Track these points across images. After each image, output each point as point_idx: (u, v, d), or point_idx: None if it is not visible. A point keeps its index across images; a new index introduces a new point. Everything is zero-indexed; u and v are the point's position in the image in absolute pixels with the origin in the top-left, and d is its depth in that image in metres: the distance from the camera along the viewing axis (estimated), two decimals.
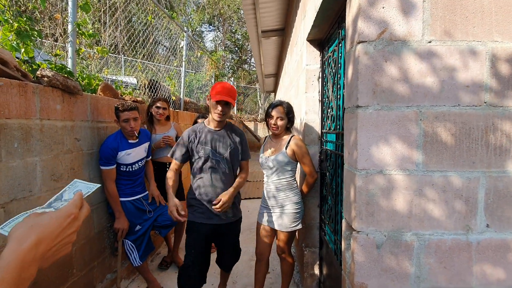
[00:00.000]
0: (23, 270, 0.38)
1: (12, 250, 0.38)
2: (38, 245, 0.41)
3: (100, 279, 2.24)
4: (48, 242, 0.42)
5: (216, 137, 1.85)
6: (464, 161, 1.03)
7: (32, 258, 0.40)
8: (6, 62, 1.53)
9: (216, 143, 1.84)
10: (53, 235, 0.43)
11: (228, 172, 1.86)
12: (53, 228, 0.44)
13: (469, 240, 1.06)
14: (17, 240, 0.39)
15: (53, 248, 0.44)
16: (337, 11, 1.63)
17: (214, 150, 1.83)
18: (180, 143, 1.87)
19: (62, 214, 0.46)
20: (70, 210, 0.48)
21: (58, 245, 0.45)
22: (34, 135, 1.60)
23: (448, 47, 1.01)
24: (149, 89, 3.87)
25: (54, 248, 0.44)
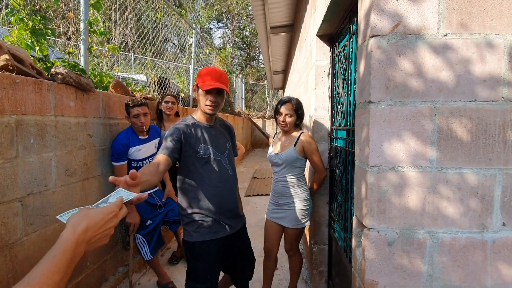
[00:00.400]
0: (76, 247, 0.52)
1: (69, 232, 0.52)
2: (86, 231, 0.55)
3: (113, 272, 2.29)
4: (94, 230, 0.56)
5: (214, 134, 1.54)
6: (480, 158, 1.01)
7: (82, 240, 0.54)
8: (22, 60, 1.57)
9: (215, 141, 1.53)
10: (97, 226, 0.57)
11: (231, 173, 1.57)
12: (98, 220, 0.57)
13: (484, 239, 1.04)
14: (73, 226, 0.54)
15: (96, 236, 0.57)
16: (348, 5, 1.60)
17: (215, 149, 1.51)
18: (173, 137, 1.41)
19: (106, 211, 0.60)
20: (112, 209, 0.61)
21: (100, 235, 0.58)
22: (49, 131, 1.64)
23: (464, 40, 0.98)
24: (158, 86, 3.91)
25: (97, 236, 0.57)
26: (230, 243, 1.58)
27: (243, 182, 6.38)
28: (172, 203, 2.43)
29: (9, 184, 1.40)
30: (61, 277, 0.48)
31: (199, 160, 1.46)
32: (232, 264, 1.66)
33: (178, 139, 1.42)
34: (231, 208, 1.54)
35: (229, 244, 1.57)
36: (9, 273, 1.41)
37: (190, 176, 1.47)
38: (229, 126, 1.72)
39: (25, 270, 1.49)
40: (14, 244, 1.43)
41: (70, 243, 0.51)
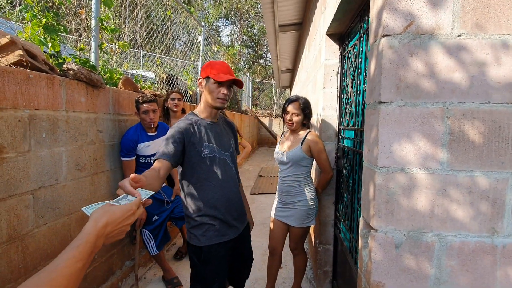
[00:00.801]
0: (97, 239, 0.57)
1: (91, 226, 0.57)
2: (106, 226, 0.60)
3: (119, 266, 2.33)
4: (113, 226, 0.61)
5: (217, 131, 1.47)
6: (492, 161, 0.99)
7: (102, 234, 0.58)
8: (35, 55, 1.60)
9: (219, 139, 1.46)
10: (116, 222, 0.62)
11: (235, 171, 1.53)
12: (117, 217, 0.62)
13: (494, 243, 1.02)
14: (95, 220, 0.59)
15: (114, 231, 0.62)
16: (359, 4, 1.58)
17: (219, 147, 1.44)
18: (175, 139, 1.33)
19: (125, 208, 0.65)
20: (131, 207, 0.66)
21: (118, 230, 0.63)
22: (61, 126, 1.67)
23: (479, 40, 0.96)
24: (167, 83, 3.94)
25: (115, 231, 0.62)
26: (236, 246, 1.53)
27: (249, 180, 6.39)
28: (179, 200, 2.45)
29: (22, 177, 1.44)
30: (83, 264, 0.53)
31: (203, 160, 1.38)
32: (236, 266, 1.61)
33: (180, 140, 1.33)
34: (237, 207, 1.50)
35: (234, 246, 1.52)
36: (21, 264, 1.44)
37: (195, 177, 1.39)
38: (231, 123, 1.66)
39: (35, 261, 1.53)
40: (25, 235, 1.47)
41: (91, 236, 0.56)
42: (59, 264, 0.50)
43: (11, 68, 1.38)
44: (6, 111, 1.34)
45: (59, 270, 0.49)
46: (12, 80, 1.36)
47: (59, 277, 0.49)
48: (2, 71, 1.32)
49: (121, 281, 2.29)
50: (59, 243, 1.68)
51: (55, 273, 0.49)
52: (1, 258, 1.35)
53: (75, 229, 1.81)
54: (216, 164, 1.42)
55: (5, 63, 1.44)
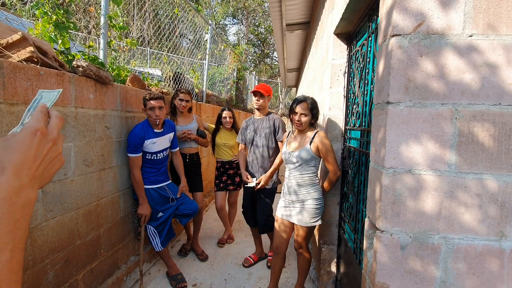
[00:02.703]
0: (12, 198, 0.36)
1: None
2: (18, 173, 0.37)
3: (125, 261, 2.36)
4: (29, 166, 0.39)
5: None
6: (502, 163, 0.97)
7: (19, 185, 0.37)
8: (46, 52, 1.62)
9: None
10: (28, 160, 0.39)
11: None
12: (23, 153, 0.39)
13: (502, 247, 1.01)
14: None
15: (39, 168, 0.40)
16: (368, 3, 1.57)
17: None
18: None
19: (25, 135, 0.40)
20: (32, 128, 0.41)
21: (43, 164, 0.41)
22: (69, 122, 1.69)
23: (491, 41, 0.95)
24: (173, 81, 3.96)
25: (41, 167, 0.41)
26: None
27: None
28: (184, 197, 2.47)
29: None
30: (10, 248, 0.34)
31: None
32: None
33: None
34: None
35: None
36: (29, 257, 1.47)
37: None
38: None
39: (43, 254, 1.56)
40: (34, 228, 1.50)
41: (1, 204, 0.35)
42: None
43: (22, 64, 1.41)
44: (17, 107, 1.37)
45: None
46: (23, 76, 1.39)
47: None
48: (14, 67, 1.35)
49: (126, 276, 2.32)
50: (66, 237, 1.71)
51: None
52: None
53: (82, 223, 1.84)
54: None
55: (16, 59, 1.46)
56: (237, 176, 3.08)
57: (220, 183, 3.06)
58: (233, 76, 7.47)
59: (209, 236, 3.31)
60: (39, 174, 0.40)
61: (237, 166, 3.03)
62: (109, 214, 2.13)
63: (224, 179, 3.06)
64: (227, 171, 3.05)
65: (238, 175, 3.06)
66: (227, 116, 3.01)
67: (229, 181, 3.06)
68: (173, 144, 2.48)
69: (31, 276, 1.49)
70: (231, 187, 3.08)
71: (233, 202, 3.24)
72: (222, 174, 3.06)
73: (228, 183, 3.06)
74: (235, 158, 3.04)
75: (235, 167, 3.07)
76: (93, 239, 1.96)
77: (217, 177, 3.09)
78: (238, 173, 3.05)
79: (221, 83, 7.12)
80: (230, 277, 2.48)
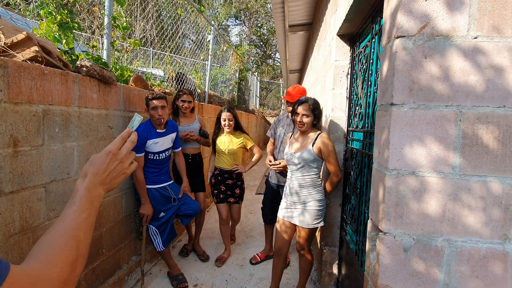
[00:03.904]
0: (90, 192, 0.59)
1: (79, 182, 0.60)
2: (95, 176, 0.60)
3: (126, 260, 2.37)
4: (100, 174, 0.61)
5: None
6: (506, 166, 0.97)
7: (92, 185, 0.60)
8: (50, 52, 1.63)
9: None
10: (100, 170, 0.61)
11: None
12: (98, 165, 0.61)
13: (505, 250, 1.00)
14: (82, 175, 0.61)
15: (107, 177, 0.62)
16: (372, 5, 1.57)
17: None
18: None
19: (102, 154, 0.62)
20: (107, 150, 0.63)
21: (111, 175, 0.63)
22: (73, 122, 1.70)
23: (496, 43, 0.94)
24: (176, 81, 3.97)
25: (108, 177, 0.62)
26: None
27: (255, 180, 6.40)
28: (186, 197, 2.47)
29: (35, 170, 1.47)
30: (87, 214, 0.56)
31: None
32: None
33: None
34: None
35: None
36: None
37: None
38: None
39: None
40: (37, 227, 1.51)
41: (81, 191, 0.58)
42: (65, 220, 0.53)
43: (27, 63, 1.42)
44: (22, 106, 1.38)
45: (67, 223, 0.53)
46: (28, 76, 1.40)
47: (71, 229, 0.52)
48: (19, 67, 1.35)
49: (127, 275, 2.32)
50: None
51: (66, 225, 0.52)
52: (13, 249, 1.38)
53: None
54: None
55: (21, 58, 1.47)
56: (237, 188, 2.77)
57: (220, 193, 2.75)
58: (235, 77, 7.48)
59: (210, 237, 3.31)
60: (107, 181, 0.62)
61: (237, 176, 2.75)
62: (111, 214, 2.14)
63: (222, 189, 2.74)
64: (226, 180, 2.73)
65: (238, 186, 2.77)
66: (226, 119, 2.63)
67: (228, 192, 2.74)
68: (176, 144, 2.49)
69: None
70: (232, 199, 2.76)
71: (237, 219, 2.92)
72: (219, 183, 2.74)
73: (228, 195, 2.75)
74: (236, 168, 2.70)
75: (235, 178, 2.75)
76: (95, 238, 1.96)
77: (214, 186, 2.77)
78: (237, 185, 2.76)
79: (223, 83, 7.13)
80: (231, 278, 2.48)
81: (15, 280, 0.41)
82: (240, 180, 2.78)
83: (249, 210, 4.28)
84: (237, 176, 2.75)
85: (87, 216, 0.56)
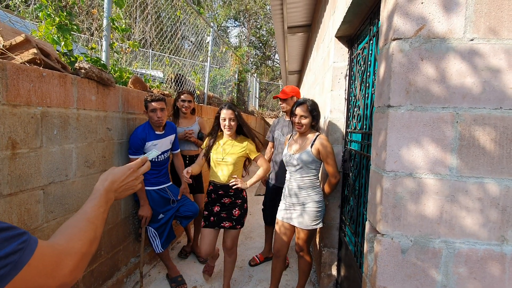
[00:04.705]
0: (107, 193, 0.73)
1: (99, 183, 0.74)
2: (112, 183, 0.75)
3: (125, 262, 2.36)
4: (118, 183, 0.76)
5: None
6: (503, 168, 0.97)
7: (110, 189, 0.74)
8: (49, 54, 1.63)
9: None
10: (120, 179, 0.77)
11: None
12: (119, 175, 0.77)
13: (503, 252, 1.00)
14: (101, 180, 0.75)
15: (121, 187, 0.77)
16: (370, 7, 1.58)
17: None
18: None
19: (125, 167, 0.79)
20: (130, 166, 0.81)
21: (124, 186, 0.78)
22: (71, 124, 1.70)
23: (492, 45, 0.95)
24: (175, 83, 3.97)
25: (122, 187, 0.77)
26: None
27: None
28: (185, 199, 2.47)
29: (33, 173, 1.47)
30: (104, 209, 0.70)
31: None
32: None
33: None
34: None
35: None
36: None
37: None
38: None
39: None
40: (35, 229, 1.50)
41: (101, 191, 0.72)
42: (87, 211, 0.67)
43: (25, 65, 1.42)
44: (20, 108, 1.38)
45: (89, 212, 0.66)
46: (26, 78, 1.40)
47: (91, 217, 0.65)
48: (17, 69, 1.36)
49: (126, 277, 2.32)
50: None
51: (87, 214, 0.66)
52: None
53: None
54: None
55: (19, 60, 1.47)
56: (235, 208, 2.08)
57: (210, 215, 2.07)
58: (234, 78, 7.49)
59: None
60: (120, 190, 0.77)
61: (236, 194, 2.09)
62: (110, 216, 2.13)
63: (215, 210, 2.07)
64: (221, 199, 2.07)
65: (237, 206, 2.09)
66: (227, 118, 1.99)
67: (223, 214, 2.06)
68: (174, 146, 2.49)
69: None
70: (227, 223, 2.06)
71: (232, 247, 2.12)
72: (213, 202, 2.09)
73: (222, 217, 2.06)
74: (235, 182, 2.02)
75: (233, 195, 2.08)
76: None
77: (206, 206, 2.12)
78: (236, 204, 2.09)
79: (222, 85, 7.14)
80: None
81: (44, 251, 0.50)
82: (240, 198, 2.11)
83: (248, 212, 4.27)
84: (235, 194, 2.08)
85: (103, 211, 0.70)
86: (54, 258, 0.52)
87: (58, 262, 0.53)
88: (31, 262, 0.47)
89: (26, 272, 0.46)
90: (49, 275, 0.50)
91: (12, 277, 0.44)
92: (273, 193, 2.67)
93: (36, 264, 0.48)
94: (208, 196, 2.14)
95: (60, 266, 0.53)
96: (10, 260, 0.44)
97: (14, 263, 0.45)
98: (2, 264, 0.43)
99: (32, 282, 0.47)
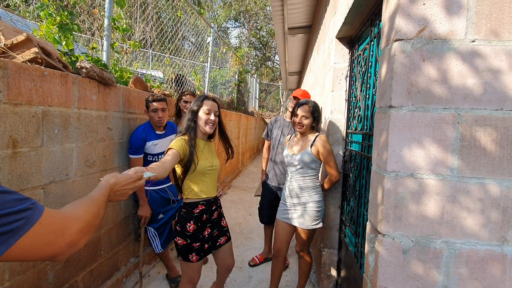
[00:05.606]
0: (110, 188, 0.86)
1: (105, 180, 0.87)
2: (115, 184, 0.88)
3: (124, 262, 2.36)
4: (119, 186, 0.89)
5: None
6: (504, 168, 0.97)
7: (112, 188, 0.87)
8: (50, 53, 1.63)
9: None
10: (121, 183, 0.90)
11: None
12: (122, 180, 0.91)
13: (504, 252, 1.01)
14: (106, 179, 0.87)
15: (119, 190, 0.90)
16: (371, 8, 1.58)
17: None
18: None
19: (128, 175, 0.95)
20: (132, 176, 0.95)
21: (122, 191, 0.91)
22: (72, 123, 1.70)
23: (493, 47, 0.95)
24: (175, 83, 3.98)
25: (120, 191, 0.90)
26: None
27: (254, 182, 6.39)
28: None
29: (34, 172, 1.47)
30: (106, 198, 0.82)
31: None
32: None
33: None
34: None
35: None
36: None
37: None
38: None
39: None
40: None
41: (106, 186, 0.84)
42: (92, 194, 0.78)
43: (26, 65, 1.42)
44: (21, 107, 1.38)
45: (93, 196, 0.78)
46: (27, 77, 1.40)
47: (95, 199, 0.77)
48: (18, 68, 1.36)
49: (125, 278, 2.31)
50: None
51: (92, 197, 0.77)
52: None
53: None
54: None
55: (21, 59, 1.47)
56: (222, 219, 1.78)
57: (204, 243, 1.63)
58: (234, 79, 7.50)
59: None
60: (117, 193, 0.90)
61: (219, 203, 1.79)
62: (110, 215, 2.13)
63: (205, 235, 1.65)
64: (212, 216, 1.69)
65: (222, 215, 1.80)
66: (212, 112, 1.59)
67: (215, 233, 1.72)
68: None
69: (32, 276, 1.48)
70: (222, 239, 1.74)
71: (234, 262, 1.81)
72: (204, 225, 1.64)
73: (216, 236, 1.72)
74: (221, 190, 1.82)
75: (219, 206, 1.78)
76: (93, 240, 1.95)
77: (194, 233, 1.59)
78: (221, 213, 1.79)
79: (222, 85, 7.14)
80: (230, 280, 2.47)
81: (51, 213, 0.59)
82: (220, 206, 1.81)
83: (248, 212, 4.27)
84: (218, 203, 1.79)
85: (105, 200, 0.81)
86: (61, 220, 0.61)
87: (65, 223, 0.61)
88: (41, 220, 0.55)
89: (38, 228, 0.54)
90: (58, 232, 0.59)
91: (26, 230, 0.52)
92: (272, 193, 2.67)
93: (46, 222, 0.56)
94: (196, 222, 1.60)
95: (67, 226, 0.61)
96: (23, 215, 0.52)
97: (27, 218, 0.53)
98: (17, 217, 0.52)
99: (43, 238, 0.56)
